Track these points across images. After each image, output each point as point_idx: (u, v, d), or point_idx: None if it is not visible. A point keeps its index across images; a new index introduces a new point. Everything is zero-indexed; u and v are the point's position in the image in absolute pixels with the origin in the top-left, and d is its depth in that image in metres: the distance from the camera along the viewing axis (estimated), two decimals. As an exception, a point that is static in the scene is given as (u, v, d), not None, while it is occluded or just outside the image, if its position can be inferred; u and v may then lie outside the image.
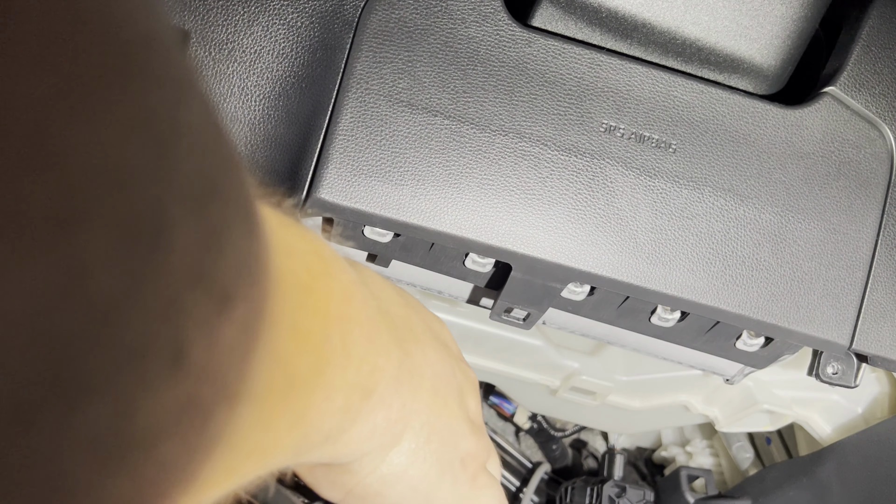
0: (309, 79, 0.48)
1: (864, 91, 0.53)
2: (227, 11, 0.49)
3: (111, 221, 0.13)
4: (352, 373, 0.28)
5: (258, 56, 0.49)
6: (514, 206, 0.49)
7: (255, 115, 0.48)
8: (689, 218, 0.51)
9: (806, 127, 0.52)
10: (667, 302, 0.51)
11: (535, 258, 0.49)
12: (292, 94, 0.48)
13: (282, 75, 0.49)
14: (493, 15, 0.50)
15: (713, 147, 0.51)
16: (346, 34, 0.49)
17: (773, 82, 0.53)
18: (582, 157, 0.50)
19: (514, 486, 1.03)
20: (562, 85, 0.50)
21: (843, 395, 0.68)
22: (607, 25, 0.51)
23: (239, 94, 0.49)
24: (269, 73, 0.49)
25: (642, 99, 0.51)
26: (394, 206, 0.48)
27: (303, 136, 0.48)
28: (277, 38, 0.49)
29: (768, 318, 0.51)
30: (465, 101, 0.49)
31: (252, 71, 0.49)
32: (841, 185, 0.52)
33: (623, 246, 0.50)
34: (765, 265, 0.51)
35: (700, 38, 0.51)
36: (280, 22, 0.49)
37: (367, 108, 0.48)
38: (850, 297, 0.52)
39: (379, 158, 0.48)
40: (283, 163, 0.48)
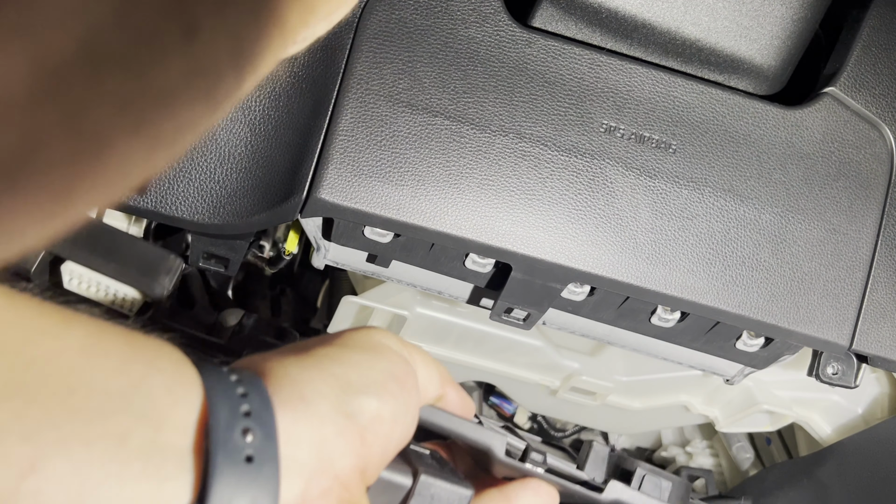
0: (309, 79, 0.48)
1: (864, 91, 0.53)
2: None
3: None
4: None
5: (258, 56, 0.49)
6: (514, 206, 0.49)
7: (255, 115, 0.48)
8: (689, 218, 0.51)
9: (806, 127, 0.52)
10: (667, 302, 0.51)
11: (535, 258, 0.49)
12: (292, 94, 0.48)
13: (282, 76, 0.49)
14: (493, 15, 0.50)
15: (713, 147, 0.51)
16: (347, 34, 0.49)
17: (773, 83, 0.53)
18: (582, 158, 0.50)
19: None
20: (562, 85, 0.50)
21: (843, 395, 0.68)
22: (607, 26, 0.51)
23: (239, 94, 0.49)
24: (270, 74, 0.49)
25: (642, 99, 0.51)
26: (394, 206, 0.48)
27: (303, 136, 0.48)
28: (278, 39, 0.49)
29: (768, 319, 0.51)
30: (466, 101, 0.49)
31: (252, 71, 0.49)
32: (841, 186, 0.52)
33: (623, 246, 0.50)
34: (765, 265, 0.51)
35: (700, 38, 0.51)
36: (280, 22, 0.49)
37: (367, 109, 0.48)
38: (850, 298, 0.52)
39: (379, 159, 0.48)
40: (283, 163, 0.48)
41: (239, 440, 0.29)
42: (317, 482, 0.31)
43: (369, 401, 0.34)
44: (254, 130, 0.48)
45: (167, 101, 0.18)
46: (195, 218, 0.48)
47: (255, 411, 0.30)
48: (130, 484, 0.27)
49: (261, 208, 0.48)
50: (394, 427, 0.35)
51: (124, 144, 0.17)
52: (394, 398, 0.35)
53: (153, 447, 0.28)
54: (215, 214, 0.48)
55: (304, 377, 0.33)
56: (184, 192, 0.48)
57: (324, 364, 0.34)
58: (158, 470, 0.28)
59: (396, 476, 0.37)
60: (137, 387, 0.29)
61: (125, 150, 0.17)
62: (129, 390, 0.29)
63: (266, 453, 0.30)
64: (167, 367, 0.30)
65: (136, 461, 0.28)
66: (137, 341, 0.30)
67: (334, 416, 0.33)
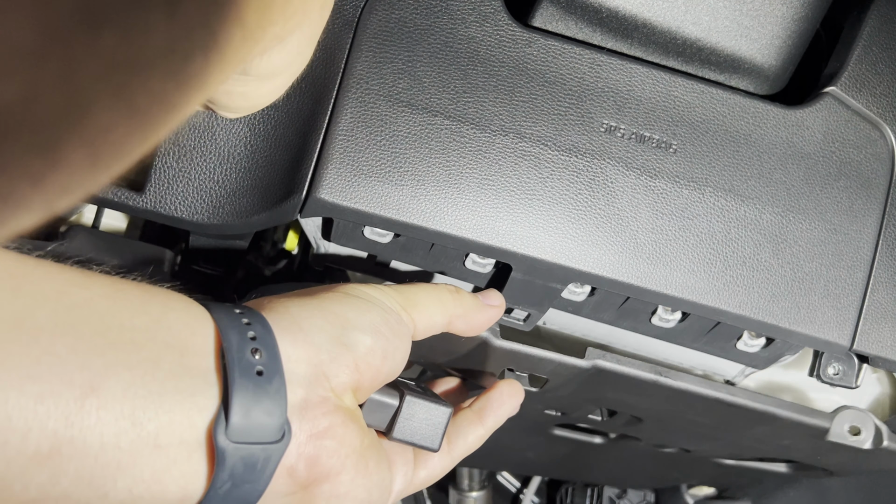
0: (309, 79, 0.48)
1: (864, 91, 0.53)
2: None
3: None
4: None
5: (258, 56, 0.49)
6: (514, 206, 0.49)
7: (255, 115, 0.48)
8: (690, 218, 0.51)
9: (807, 127, 0.52)
10: (667, 302, 0.51)
11: (536, 259, 0.49)
12: (292, 94, 0.48)
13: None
14: (493, 15, 0.50)
15: (714, 147, 0.51)
16: (346, 34, 0.48)
17: (774, 82, 0.53)
18: (582, 158, 0.50)
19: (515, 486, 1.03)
20: (562, 85, 0.50)
21: (843, 395, 0.68)
22: (608, 25, 0.51)
23: (238, 94, 0.48)
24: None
25: (643, 99, 0.51)
26: (394, 206, 0.48)
27: (303, 136, 0.48)
28: (277, 38, 0.49)
29: (769, 319, 0.51)
30: (466, 101, 0.49)
31: (252, 71, 0.49)
32: (842, 186, 0.52)
33: (623, 246, 0.50)
34: (765, 265, 0.51)
35: (701, 38, 0.51)
36: (280, 22, 0.49)
37: (367, 108, 0.48)
38: (851, 298, 0.52)
39: (379, 158, 0.48)
40: (283, 163, 0.48)
41: (250, 358, 0.35)
42: (315, 391, 0.37)
43: (364, 337, 0.39)
44: (253, 130, 0.48)
45: (145, 71, 0.19)
46: (194, 218, 0.48)
47: (259, 336, 0.36)
48: (169, 397, 0.33)
49: (260, 208, 0.48)
50: (384, 362, 0.40)
51: (105, 109, 0.19)
52: (386, 339, 0.40)
53: (181, 369, 0.34)
54: (215, 214, 0.48)
55: (303, 314, 0.39)
56: (183, 192, 0.48)
57: (324, 304, 0.40)
58: (189, 386, 0.34)
59: (385, 397, 0.42)
60: (159, 322, 0.34)
61: (106, 115, 0.19)
62: (153, 326, 0.34)
63: (273, 368, 0.35)
64: (180, 306, 0.36)
65: (170, 380, 0.33)
66: (150, 288, 0.36)
67: (330, 345, 0.38)
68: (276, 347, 0.36)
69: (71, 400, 0.30)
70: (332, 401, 0.38)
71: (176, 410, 0.33)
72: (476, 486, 1.03)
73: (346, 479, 0.38)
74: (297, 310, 0.39)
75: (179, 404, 0.33)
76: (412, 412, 0.43)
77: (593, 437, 0.72)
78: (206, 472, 0.34)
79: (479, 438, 0.47)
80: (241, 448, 0.34)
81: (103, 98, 0.18)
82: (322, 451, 0.37)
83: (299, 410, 0.37)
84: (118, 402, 0.31)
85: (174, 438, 0.33)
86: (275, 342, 0.36)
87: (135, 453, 0.32)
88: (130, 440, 0.32)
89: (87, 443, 0.30)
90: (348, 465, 0.38)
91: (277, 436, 0.35)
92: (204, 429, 0.34)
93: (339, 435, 0.38)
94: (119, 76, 0.18)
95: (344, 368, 0.38)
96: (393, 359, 0.41)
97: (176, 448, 0.33)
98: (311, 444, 0.37)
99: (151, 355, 0.33)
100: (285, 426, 0.36)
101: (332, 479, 0.38)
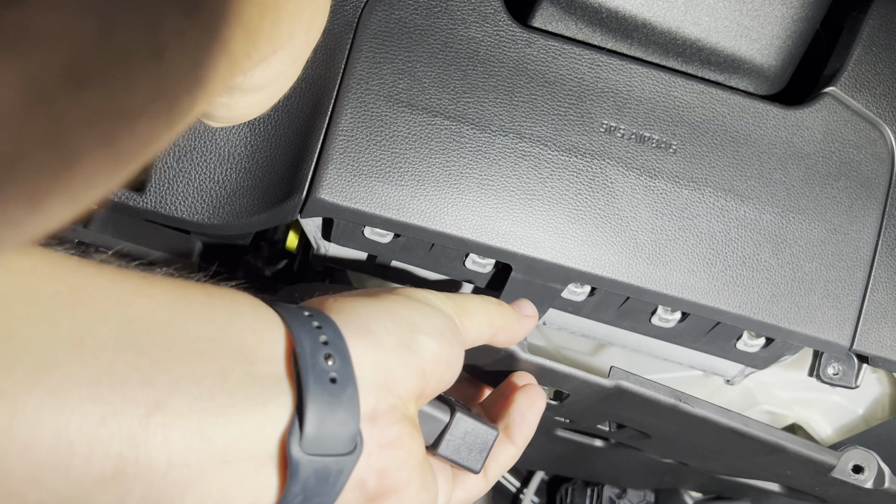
0: (309, 79, 0.48)
1: (864, 91, 0.53)
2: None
3: None
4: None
5: (258, 56, 0.49)
6: (514, 206, 0.49)
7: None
8: (690, 218, 0.51)
9: (806, 127, 0.52)
10: (667, 302, 0.51)
11: (536, 259, 0.49)
12: (292, 94, 0.48)
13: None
14: (493, 15, 0.50)
15: (714, 147, 0.51)
16: (346, 34, 0.49)
17: (774, 82, 0.53)
18: (582, 158, 0.50)
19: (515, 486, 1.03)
20: (562, 85, 0.50)
21: (843, 395, 0.68)
22: (608, 26, 0.51)
23: (239, 94, 0.48)
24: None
25: (643, 99, 0.51)
26: (394, 206, 0.48)
27: (303, 136, 0.48)
28: (277, 39, 0.49)
29: (769, 319, 0.51)
30: (466, 101, 0.49)
31: (252, 71, 0.49)
32: (841, 186, 0.52)
33: (623, 246, 0.50)
34: (765, 266, 0.51)
35: (700, 38, 0.51)
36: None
37: (367, 109, 0.48)
38: (851, 298, 0.52)
39: (379, 159, 0.48)
40: (283, 163, 0.48)
41: (323, 364, 0.33)
42: (384, 399, 0.36)
43: (432, 342, 0.38)
44: (253, 130, 0.48)
45: (132, 119, 0.19)
46: (195, 218, 0.48)
47: (331, 340, 0.34)
48: (238, 409, 0.31)
49: (260, 208, 0.48)
50: (448, 369, 0.39)
51: (91, 158, 0.19)
52: (450, 346, 0.39)
53: (251, 378, 0.32)
54: (215, 214, 0.48)
55: (371, 315, 0.37)
56: (183, 192, 0.48)
57: (390, 306, 0.39)
58: (259, 395, 0.32)
59: (437, 412, 0.42)
60: (225, 330, 0.33)
61: (91, 164, 0.19)
62: (219, 334, 0.32)
63: (346, 374, 0.34)
64: (247, 311, 0.34)
65: (239, 391, 0.32)
66: (215, 291, 0.34)
67: (398, 349, 0.37)
68: (348, 352, 0.35)
69: (135, 419, 0.29)
70: (400, 409, 0.36)
71: (246, 423, 0.31)
72: (476, 486, 1.03)
73: (412, 492, 0.37)
74: (364, 311, 0.37)
75: (250, 415, 0.32)
76: (461, 430, 0.42)
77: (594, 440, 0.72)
78: (277, 486, 0.33)
79: (512, 458, 0.45)
80: (314, 460, 0.32)
81: (89, 147, 0.19)
82: (392, 462, 0.36)
83: (369, 420, 0.35)
84: (185, 418, 0.30)
85: (244, 453, 0.31)
86: (346, 347, 0.35)
87: (203, 470, 0.30)
88: (199, 457, 0.30)
89: (153, 463, 0.29)
90: (414, 477, 0.37)
91: (350, 447, 0.34)
92: (276, 440, 0.32)
93: (406, 445, 0.36)
94: (105, 125, 0.19)
95: (411, 375, 0.37)
96: (455, 367, 0.39)
97: (246, 462, 0.32)
98: (380, 455, 0.35)
99: (219, 366, 0.31)
100: (357, 437, 0.34)
101: (399, 493, 0.36)
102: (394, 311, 0.38)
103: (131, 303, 0.31)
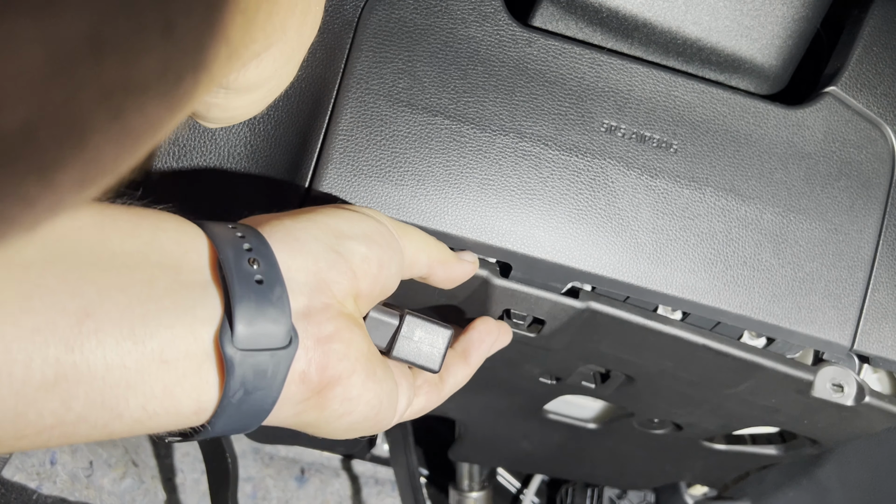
0: (309, 79, 0.48)
1: (865, 91, 0.53)
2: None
3: None
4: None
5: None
6: (514, 205, 0.49)
7: (255, 116, 0.48)
8: (691, 218, 0.51)
9: (807, 127, 0.52)
10: (668, 302, 0.51)
11: (536, 258, 0.49)
12: (292, 94, 0.48)
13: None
14: (493, 15, 0.50)
15: (714, 147, 0.51)
16: (346, 34, 0.48)
17: (775, 82, 0.53)
18: (583, 157, 0.50)
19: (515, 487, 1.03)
20: (562, 85, 0.50)
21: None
22: (608, 25, 0.51)
23: (238, 94, 0.48)
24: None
25: (643, 99, 0.51)
26: (394, 206, 0.48)
27: (303, 136, 0.48)
28: (277, 38, 0.49)
29: (770, 319, 0.51)
30: (466, 101, 0.49)
31: (252, 71, 0.49)
32: (842, 186, 0.52)
33: (624, 246, 0.50)
34: (766, 265, 0.51)
35: (701, 38, 0.51)
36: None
37: (367, 108, 0.48)
38: (852, 298, 0.52)
39: (379, 158, 0.48)
40: (283, 163, 0.48)
41: (248, 267, 0.35)
42: (317, 297, 0.37)
43: (358, 245, 0.40)
44: (253, 130, 0.48)
45: (140, 93, 0.19)
46: (194, 218, 0.48)
47: (255, 247, 0.36)
48: (168, 313, 0.33)
49: (260, 208, 0.48)
50: (380, 271, 0.40)
51: (100, 131, 0.19)
52: (380, 248, 0.41)
53: (178, 285, 0.34)
54: (214, 214, 0.48)
55: (297, 226, 0.39)
56: (183, 192, 0.48)
57: (316, 217, 0.40)
58: (187, 300, 0.33)
59: (384, 316, 0.43)
60: (150, 244, 0.34)
61: (100, 138, 0.19)
62: (144, 248, 0.34)
63: (272, 276, 0.35)
64: (171, 227, 0.35)
65: (167, 297, 0.33)
66: (140, 211, 0.35)
67: (326, 253, 0.38)
68: (273, 257, 0.36)
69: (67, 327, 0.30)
70: (336, 307, 0.38)
71: (177, 325, 0.33)
72: (476, 487, 1.03)
73: (357, 381, 0.39)
74: (290, 222, 0.39)
75: (179, 318, 0.33)
76: (412, 332, 0.43)
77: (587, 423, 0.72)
78: (218, 383, 0.34)
79: (465, 377, 0.48)
80: (249, 355, 0.34)
81: (100, 122, 0.19)
82: (331, 354, 0.37)
83: (303, 317, 0.37)
84: (115, 324, 0.31)
85: (179, 352, 0.33)
86: (271, 252, 0.36)
87: (142, 371, 0.32)
88: (135, 359, 0.32)
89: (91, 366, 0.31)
90: (358, 367, 0.38)
91: (284, 342, 0.35)
92: (209, 340, 0.34)
93: (346, 339, 0.38)
94: (116, 100, 0.19)
95: (342, 275, 0.38)
96: (389, 268, 0.41)
97: (183, 361, 0.33)
98: (319, 348, 0.37)
99: (145, 276, 0.33)
100: (292, 332, 0.36)
101: (344, 382, 0.38)
102: (320, 220, 0.40)
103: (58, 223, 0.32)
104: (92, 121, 0.18)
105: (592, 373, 0.64)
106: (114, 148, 0.20)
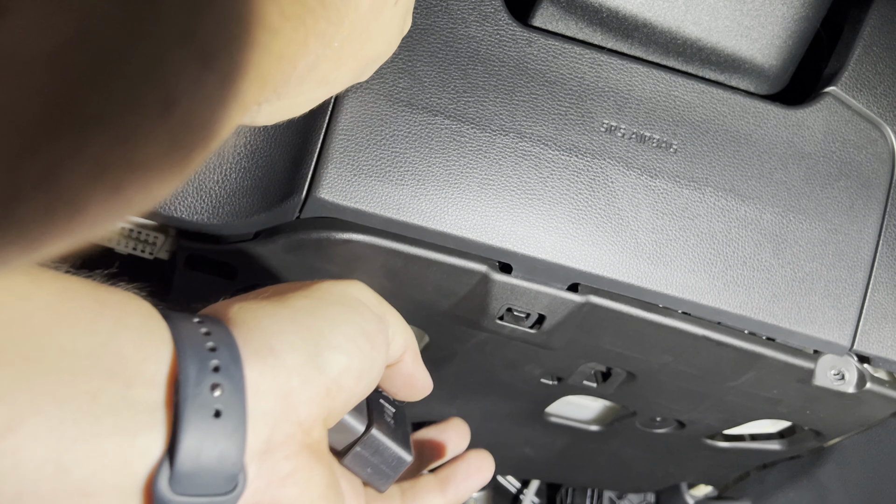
0: (309, 78, 0.48)
1: (865, 91, 0.53)
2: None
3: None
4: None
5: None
6: (514, 205, 0.49)
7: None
8: (691, 218, 0.51)
9: (807, 127, 0.52)
10: (668, 302, 0.51)
11: (536, 258, 0.49)
12: (292, 93, 0.48)
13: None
14: (493, 15, 0.50)
15: (714, 147, 0.51)
16: (346, 34, 0.48)
17: (775, 82, 0.53)
18: (583, 157, 0.50)
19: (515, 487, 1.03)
20: (562, 85, 0.50)
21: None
22: (608, 25, 0.51)
23: (238, 93, 0.48)
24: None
25: (643, 99, 0.51)
26: (394, 205, 0.48)
27: (303, 136, 0.48)
28: (277, 38, 0.49)
29: (769, 319, 0.51)
30: (466, 100, 0.49)
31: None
32: (842, 186, 0.52)
33: (624, 246, 0.50)
34: (766, 266, 0.51)
35: (701, 37, 0.51)
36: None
37: (367, 108, 0.48)
38: (852, 298, 0.52)
39: (379, 158, 0.48)
40: (283, 163, 0.48)
41: (207, 396, 0.30)
42: (281, 429, 0.33)
43: (339, 356, 0.35)
44: (253, 130, 0.48)
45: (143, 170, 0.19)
46: (194, 218, 0.48)
47: (224, 366, 0.31)
48: (104, 439, 0.28)
49: (260, 208, 0.48)
50: (358, 382, 0.36)
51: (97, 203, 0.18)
52: (362, 355, 0.36)
53: (124, 403, 0.29)
54: (215, 214, 0.48)
55: (275, 329, 0.34)
56: (182, 192, 0.48)
57: (297, 316, 0.35)
58: (130, 424, 0.29)
59: (353, 421, 0.40)
60: (106, 345, 0.30)
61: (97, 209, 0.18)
62: (98, 349, 0.29)
63: (234, 407, 0.31)
64: (135, 323, 0.31)
65: (108, 417, 0.29)
66: (105, 297, 0.31)
67: (302, 368, 0.34)
68: (241, 380, 0.31)
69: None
70: (298, 439, 0.34)
71: (112, 454, 0.29)
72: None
73: None
74: (268, 323, 0.34)
75: (116, 446, 0.29)
76: (372, 447, 0.40)
77: (589, 425, 0.72)
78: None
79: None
80: (185, 501, 0.30)
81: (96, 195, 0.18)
82: (283, 500, 0.33)
83: (260, 454, 0.32)
84: (40, 444, 0.27)
85: (106, 486, 0.29)
86: (241, 373, 0.32)
87: (56, 502, 0.28)
88: (51, 488, 0.28)
89: (1, 490, 0.27)
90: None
91: (229, 486, 0.31)
92: (143, 476, 0.29)
93: (302, 481, 0.33)
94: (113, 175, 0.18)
95: (315, 396, 0.34)
96: (368, 377, 0.37)
97: (108, 496, 0.29)
98: (270, 492, 0.32)
99: (91, 387, 0.29)
100: (240, 475, 0.31)
101: None
102: (301, 320, 0.35)
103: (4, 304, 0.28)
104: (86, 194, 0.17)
105: (593, 371, 0.64)
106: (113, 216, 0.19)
